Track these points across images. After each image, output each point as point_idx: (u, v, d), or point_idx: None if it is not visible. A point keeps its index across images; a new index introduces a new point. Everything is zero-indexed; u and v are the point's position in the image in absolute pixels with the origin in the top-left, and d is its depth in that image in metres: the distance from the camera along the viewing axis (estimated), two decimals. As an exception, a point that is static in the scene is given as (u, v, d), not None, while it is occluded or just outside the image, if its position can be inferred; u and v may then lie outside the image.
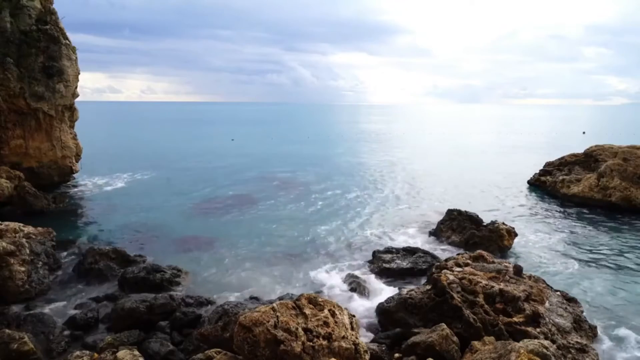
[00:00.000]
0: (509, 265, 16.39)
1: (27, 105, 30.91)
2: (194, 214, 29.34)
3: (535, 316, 13.22)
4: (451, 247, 22.77)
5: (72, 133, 35.42)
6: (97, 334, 14.30)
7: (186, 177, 42.51)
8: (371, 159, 57.20)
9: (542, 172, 38.82)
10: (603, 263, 20.80)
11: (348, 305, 14.96)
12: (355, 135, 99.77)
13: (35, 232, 19.33)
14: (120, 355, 11.44)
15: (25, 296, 16.22)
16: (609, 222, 27.25)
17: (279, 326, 10.49)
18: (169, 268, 18.87)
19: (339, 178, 42.50)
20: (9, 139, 31.16)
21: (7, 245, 16.71)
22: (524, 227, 25.83)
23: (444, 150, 68.04)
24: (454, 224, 24.26)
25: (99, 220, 27.68)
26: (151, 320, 14.66)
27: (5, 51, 29.69)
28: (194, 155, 58.38)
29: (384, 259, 20.11)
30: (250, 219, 28.05)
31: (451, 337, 12.39)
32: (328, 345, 10.52)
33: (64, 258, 20.62)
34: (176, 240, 23.69)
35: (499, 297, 13.76)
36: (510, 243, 22.61)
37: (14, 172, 29.28)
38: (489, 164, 52.87)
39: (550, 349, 10.41)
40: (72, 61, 33.06)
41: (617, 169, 30.90)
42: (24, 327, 13.86)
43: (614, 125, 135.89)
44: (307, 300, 11.60)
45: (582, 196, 31.86)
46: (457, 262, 16.54)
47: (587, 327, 14.09)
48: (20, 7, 30.89)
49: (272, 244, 23.18)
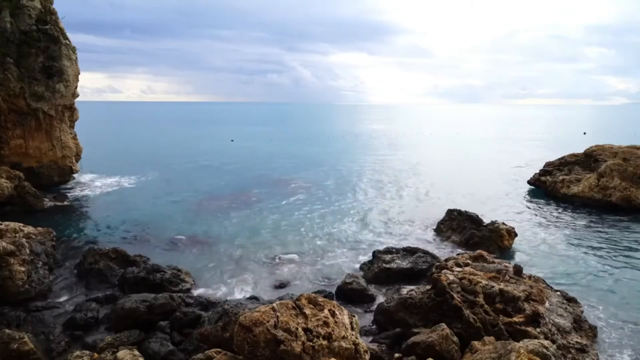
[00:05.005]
0: (509, 265, 16.40)
1: (27, 105, 30.92)
2: (194, 214, 29.33)
3: (535, 316, 13.22)
4: (451, 247, 22.78)
5: (72, 133, 35.42)
6: (97, 334, 14.31)
7: (186, 177, 42.53)
8: (371, 159, 57.22)
9: (542, 172, 38.81)
10: (603, 263, 20.80)
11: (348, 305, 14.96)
12: (355, 135, 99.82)
13: (35, 232, 19.32)
14: (120, 355, 11.44)
15: (25, 296, 16.21)
16: (609, 222, 27.24)
17: (279, 326, 10.49)
18: (169, 268, 18.86)
19: (338, 178, 42.52)
20: (9, 139, 31.17)
21: (7, 245, 16.70)
22: (524, 227, 25.83)
23: (444, 150, 68.09)
24: (454, 224, 24.26)
25: (99, 220, 27.68)
26: (151, 320, 14.65)
27: (5, 51, 29.70)
28: (194, 156, 58.41)
29: (384, 259, 20.09)
30: (250, 219, 28.04)
31: (451, 337, 12.39)
32: (328, 345, 10.52)
33: (64, 258, 20.64)
34: (176, 240, 23.71)
35: (499, 297, 13.76)
36: (510, 243, 22.62)
37: (14, 172, 29.29)
38: (488, 164, 52.88)
39: (550, 349, 10.41)
40: (72, 61, 33.07)
41: (617, 169, 30.89)
42: (24, 327, 13.87)
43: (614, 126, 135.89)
44: (307, 300, 11.60)
45: (582, 196, 31.86)
46: (457, 262, 16.55)
47: (587, 327, 14.10)
48: (20, 7, 30.92)
49: (272, 244, 23.18)
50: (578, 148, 41.45)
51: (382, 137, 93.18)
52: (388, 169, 48.56)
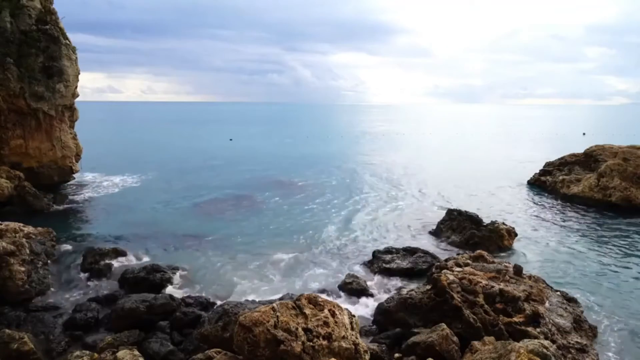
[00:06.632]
0: (509, 265, 16.40)
1: (27, 105, 30.90)
2: (194, 214, 29.34)
3: (535, 316, 13.23)
4: (451, 247, 22.78)
5: (72, 133, 35.40)
6: (97, 334, 14.29)
7: (185, 177, 42.51)
8: (371, 159, 57.20)
9: (542, 172, 38.84)
10: (603, 263, 20.80)
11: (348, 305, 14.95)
12: (355, 135, 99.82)
13: (35, 232, 19.33)
14: (120, 355, 11.44)
15: (25, 296, 16.21)
16: (609, 222, 27.24)
17: (279, 326, 10.49)
18: (169, 268, 18.87)
19: (338, 178, 42.52)
20: (9, 139, 31.14)
21: (7, 245, 16.71)
22: (524, 227, 25.83)
23: (445, 151, 68.05)
24: (454, 224, 24.26)
25: (99, 220, 27.68)
26: (151, 320, 14.65)
27: (5, 51, 29.68)
28: (194, 156, 58.41)
29: (384, 259, 20.11)
30: (250, 219, 28.04)
31: (451, 337, 12.39)
32: (328, 345, 10.52)
33: (64, 258, 20.62)
34: (176, 240, 23.69)
35: (499, 297, 13.76)
36: (510, 243, 22.62)
37: (14, 172, 29.29)
38: (489, 163, 52.87)
39: (550, 349, 10.41)
40: (72, 61, 33.06)
41: (617, 169, 30.90)
42: (24, 327, 13.87)
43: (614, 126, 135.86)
44: (307, 300, 11.59)
45: (582, 196, 31.86)
46: (457, 262, 16.55)
47: (587, 327, 14.10)
48: (20, 7, 30.89)
49: (272, 244, 23.17)
50: (578, 148, 41.48)
51: (382, 137, 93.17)
52: (388, 168, 48.54)
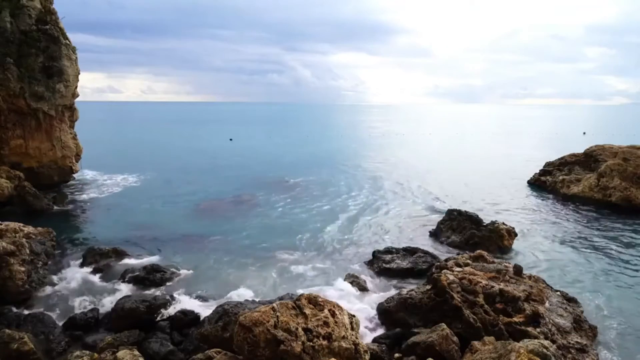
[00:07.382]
0: (509, 265, 16.40)
1: (27, 105, 30.89)
2: (194, 214, 29.34)
3: (535, 316, 13.23)
4: (451, 247, 22.77)
5: (72, 133, 35.40)
6: (97, 334, 14.29)
7: (185, 177, 42.50)
8: (371, 159, 57.21)
9: (542, 172, 38.84)
10: (603, 263, 20.79)
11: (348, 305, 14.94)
12: (355, 135, 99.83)
13: (35, 232, 19.32)
14: (120, 355, 11.44)
15: (25, 296, 16.22)
16: (609, 222, 27.23)
17: (279, 326, 10.49)
18: (169, 268, 18.87)
19: (338, 178, 42.50)
20: (9, 139, 31.14)
21: (7, 245, 16.70)
22: (524, 227, 25.83)
23: (445, 151, 68.06)
24: (454, 224, 24.26)
25: (99, 220, 27.68)
26: (151, 320, 14.66)
27: (5, 51, 29.68)
28: (194, 156, 58.42)
29: (384, 259, 20.11)
30: (250, 219, 28.04)
31: (451, 337, 12.40)
32: (328, 345, 10.52)
33: (64, 258, 20.63)
34: (176, 240, 23.68)
35: (499, 297, 13.77)
36: (510, 243, 22.61)
37: (14, 172, 29.28)
38: (489, 164, 52.88)
39: (550, 349, 10.41)
40: (72, 61, 33.05)
41: (617, 169, 30.90)
42: (24, 327, 13.85)
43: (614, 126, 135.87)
44: (307, 300, 11.60)
45: (582, 196, 31.87)
46: (457, 262, 16.56)
47: (587, 327, 14.09)
48: (20, 7, 30.88)
49: (272, 244, 23.16)
50: (578, 148, 41.48)
51: (381, 137, 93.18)
52: (387, 168, 48.53)
